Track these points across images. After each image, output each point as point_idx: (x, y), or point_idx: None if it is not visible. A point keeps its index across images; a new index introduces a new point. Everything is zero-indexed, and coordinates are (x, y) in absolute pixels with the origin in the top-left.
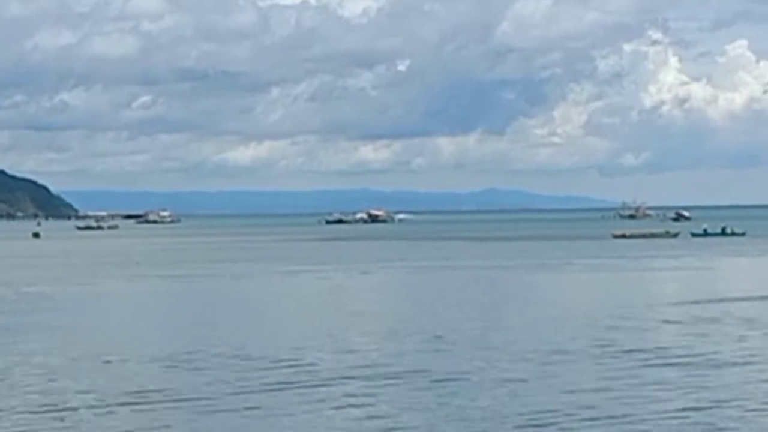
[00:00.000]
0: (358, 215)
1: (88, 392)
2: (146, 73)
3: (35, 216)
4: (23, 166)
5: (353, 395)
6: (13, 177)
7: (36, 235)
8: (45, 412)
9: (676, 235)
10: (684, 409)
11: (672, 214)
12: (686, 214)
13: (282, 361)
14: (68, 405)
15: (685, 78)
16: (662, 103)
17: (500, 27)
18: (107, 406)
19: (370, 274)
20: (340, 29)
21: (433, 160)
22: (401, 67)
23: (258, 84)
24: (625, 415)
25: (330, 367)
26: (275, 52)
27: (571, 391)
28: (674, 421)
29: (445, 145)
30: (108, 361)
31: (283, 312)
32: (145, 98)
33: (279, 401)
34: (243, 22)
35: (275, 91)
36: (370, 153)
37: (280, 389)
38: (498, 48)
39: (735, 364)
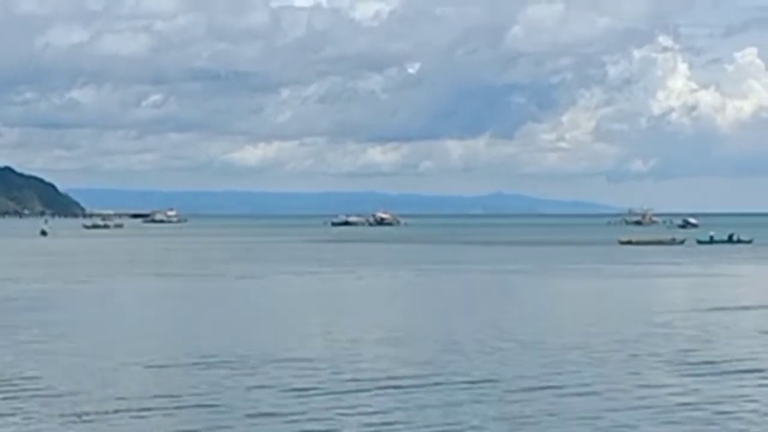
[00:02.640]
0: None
1: (104, 395)
2: (157, 72)
3: (42, 214)
4: (32, 163)
5: (369, 401)
6: (20, 175)
7: (43, 233)
8: (63, 415)
9: (682, 242)
10: (687, 406)
11: (679, 221)
12: (693, 221)
13: (292, 365)
14: (86, 409)
15: (694, 85)
16: (671, 110)
17: (511, 31)
18: (127, 410)
19: (376, 277)
20: (351, 32)
21: (441, 164)
22: (411, 71)
23: (268, 85)
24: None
25: (347, 373)
26: (286, 54)
27: (592, 393)
28: (680, 427)
29: (454, 148)
30: (123, 363)
31: (292, 315)
32: (155, 97)
33: (291, 406)
34: (255, 22)
35: (285, 92)
36: (379, 155)
37: (291, 393)
38: (508, 52)
39: (751, 371)
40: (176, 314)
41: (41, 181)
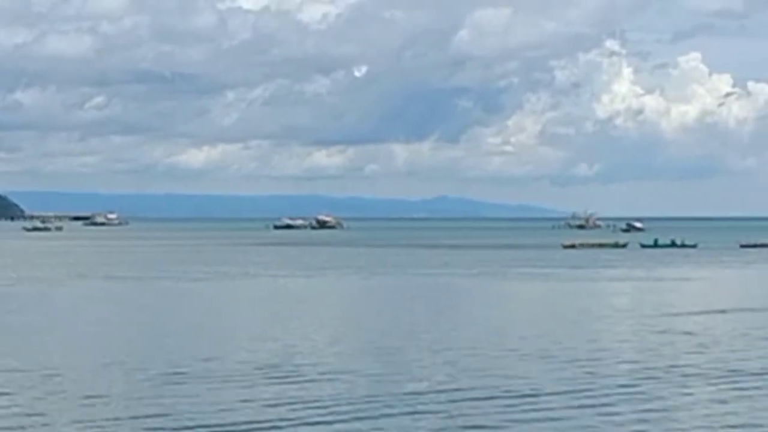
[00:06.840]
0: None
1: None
2: (102, 73)
3: None
4: None
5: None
6: None
7: None
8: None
9: (625, 245)
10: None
11: (623, 225)
12: (638, 225)
13: (238, 372)
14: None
15: (639, 90)
16: (617, 114)
17: (459, 35)
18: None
19: (316, 279)
20: (298, 34)
21: (387, 167)
22: (358, 74)
23: (214, 87)
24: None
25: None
26: (233, 56)
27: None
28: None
29: (399, 152)
30: (59, 370)
31: (233, 319)
32: (99, 99)
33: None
34: (202, 24)
35: (230, 95)
36: (324, 159)
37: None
38: (456, 56)
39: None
40: (113, 318)
41: None
